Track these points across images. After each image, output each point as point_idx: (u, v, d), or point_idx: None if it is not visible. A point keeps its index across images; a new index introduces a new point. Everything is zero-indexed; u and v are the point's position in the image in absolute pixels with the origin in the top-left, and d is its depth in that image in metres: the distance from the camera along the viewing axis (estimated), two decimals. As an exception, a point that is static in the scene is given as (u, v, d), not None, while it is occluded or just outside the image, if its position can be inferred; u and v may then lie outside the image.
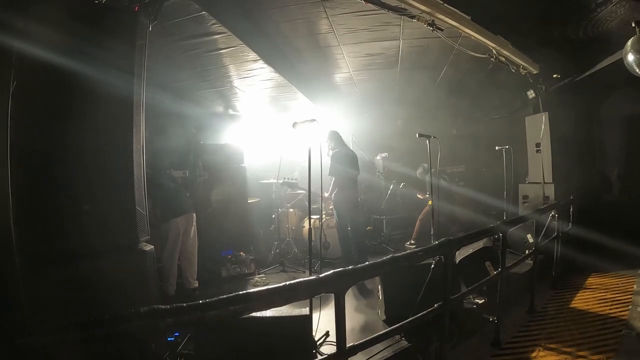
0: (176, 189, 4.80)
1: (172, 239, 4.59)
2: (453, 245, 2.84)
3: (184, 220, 4.71)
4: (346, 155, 5.78)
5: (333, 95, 7.87)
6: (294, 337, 2.74)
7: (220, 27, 4.25)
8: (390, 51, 5.83)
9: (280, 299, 1.82)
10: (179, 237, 4.65)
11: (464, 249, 4.36)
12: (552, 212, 5.02)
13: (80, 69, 2.40)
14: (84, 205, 2.47)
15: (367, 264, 2.32)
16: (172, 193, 4.71)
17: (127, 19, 2.79)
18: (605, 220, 5.93)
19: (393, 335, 3.14)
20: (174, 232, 4.60)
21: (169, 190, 4.68)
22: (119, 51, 2.65)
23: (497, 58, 5.30)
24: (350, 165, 5.74)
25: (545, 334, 3.72)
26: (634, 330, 3.58)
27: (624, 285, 4.86)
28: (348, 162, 5.71)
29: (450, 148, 7.13)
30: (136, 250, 2.70)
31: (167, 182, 4.68)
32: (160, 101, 4.59)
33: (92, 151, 2.54)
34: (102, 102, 2.56)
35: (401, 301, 3.46)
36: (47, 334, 1.46)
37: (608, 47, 5.22)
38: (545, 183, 6.32)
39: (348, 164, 5.70)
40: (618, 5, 4.17)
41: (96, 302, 2.19)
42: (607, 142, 7.36)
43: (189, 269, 4.81)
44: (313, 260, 3.60)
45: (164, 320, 1.48)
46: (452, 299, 2.82)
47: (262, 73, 5.82)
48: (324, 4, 4.21)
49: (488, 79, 7.21)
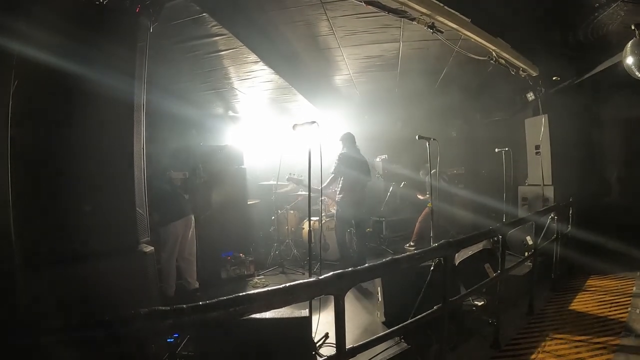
0: (174, 192, 4.77)
1: (171, 243, 4.57)
2: (452, 247, 2.84)
3: (183, 224, 4.70)
4: (354, 159, 5.66)
5: (333, 97, 7.88)
6: (293, 339, 2.74)
7: (221, 28, 4.26)
8: (390, 53, 5.85)
9: (279, 300, 1.83)
10: (178, 240, 4.64)
11: (463, 251, 4.36)
12: (552, 214, 5.03)
13: (81, 70, 2.41)
14: (84, 207, 2.47)
15: (367, 266, 2.32)
16: (170, 196, 4.69)
17: (128, 20, 2.80)
18: (605, 222, 5.94)
19: (393, 337, 3.14)
20: (173, 236, 4.59)
21: (167, 194, 4.65)
22: (119, 53, 2.66)
23: (497, 60, 5.31)
24: (358, 170, 5.63)
25: (545, 336, 3.72)
26: (633, 332, 3.58)
27: (623, 287, 4.86)
28: (355, 166, 5.60)
29: (450, 150, 7.14)
30: (136, 251, 2.71)
31: (165, 186, 4.66)
32: (161, 103, 4.60)
33: (93, 152, 2.54)
34: (102, 104, 2.56)
35: (401, 303, 3.47)
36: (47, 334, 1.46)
37: (607, 50, 5.23)
38: (545, 185, 6.33)
39: (355, 168, 5.59)
40: (618, 8, 4.18)
41: (96, 303, 2.19)
42: (607, 144, 7.37)
43: (188, 270, 4.80)
44: (312, 262, 3.59)
45: (164, 322, 1.48)
46: (451, 300, 2.83)
47: (262, 75, 5.83)
48: (324, 6, 4.22)
49: (488, 81, 7.23)
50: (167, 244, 4.57)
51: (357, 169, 5.60)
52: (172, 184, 4.79)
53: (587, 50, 5.46)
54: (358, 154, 5.80)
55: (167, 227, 4.58)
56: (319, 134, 3.43)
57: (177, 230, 4.63)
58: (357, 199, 5.60)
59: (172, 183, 4.79)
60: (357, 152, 5.79)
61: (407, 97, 8.16)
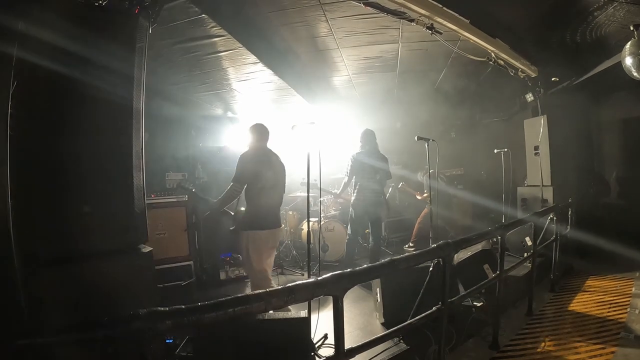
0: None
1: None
2: (451, 248, 2.84)
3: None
4: (368, 158, 5.54)
5: (332, 98, 7.88)
6: (292, 340, 2.73)
7: (220, 29, 4.25)
8: (389, 54, 5.85)
9: (278, 301, 1.83)
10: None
11: (462, 252, 4.36)
12: (551, 214, 5.03)
13: (80, 71, 2.40)
14: (83, 207, 2.47)
15: (366, 267, 2.33)
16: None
17: (127, 21, 2.79)
18: (604, 223, 5.96)
19: (391, 338, 3.14)
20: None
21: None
22: (118, 54, 2.65)
23: (495, 61, 5.33)
24: (372, 170, 5.51)
25: (544, 337, 3.72)
26: (632, 333, 3.59)
27: (623, 287, 4.86)
28: (369, 166, 5.49)
29: (449, 151, 7.15)
30: (135, 252, 2.71)
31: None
32: (160, 104, 4.60)
33: (92, 153, 2.54)
34: (101, 104, 2.56)
35: (400, 304, 3.47)
36: (47, 335, 1.47)
37: (606, 51, 5.24)
38: (544, 186, 6.33)
39: (368, 169, 5.48)
40: (616, 9, 4.19)
41: (95, 304, 2.19)
42: (606, 145, 7.40)
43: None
44: (312, 263, 3.60)
45: (163, 322, 1.48)
46: (450, 301, 2.83)
47: (261, 76, 5.82)
48: (323, 7, 4.22)
49: (487, 82, 7.24)
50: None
51: (371, 169, 5.51)
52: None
53: (586, 51, 5.46)
54: (376, 152, 5.70)
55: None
56: (318, 134, 3.44)
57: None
58: (372, 199, 5.52)
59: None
60: (374, 150, 5.70)
61: (406, 98, 8.16)
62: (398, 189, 7.63)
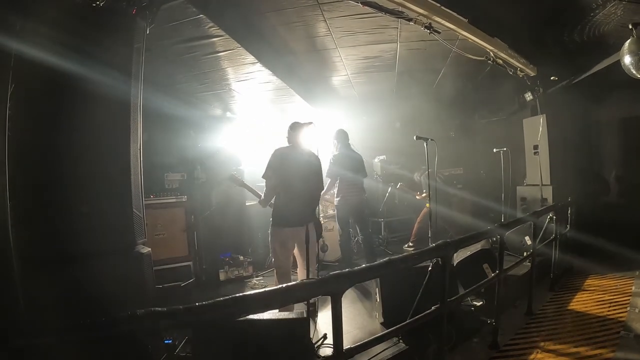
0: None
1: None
2: (451, 247, 2.84)
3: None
4: (348, 158, 5.53)
5: (331, 97, 7.88)
6: (291, 340, 2.73)
7: (218, 30, 4.25)
8: (387, 54, 5.85)
9: (277, 301, 1.82)
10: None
11: (461, 251, 4.36)
12: (550, 214, 5.03)
13: (78, 71, 2.41)
14: (81, 208, 2.47)
15: (365, 267, 2.33)
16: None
17: (124, 21, 2.80)
18: (604, 222, 5.94)
19: (391, 338, 3.13)
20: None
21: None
22: (116, 54, 2.66)
23: (494, 60, 5.33)
24: (353, 169, 5.48)
25: (544, 336, 3.71)
26: (632, 332, 3.59)
27: (622, 286, 4.86)
28: (350, 166, 5.47)
29: (448, 150, 7.14)
30: (133, 252, 2.71)
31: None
32: (158, 104, 4.58)
33: (90, 153, 2.54)
34: (99, 105, 2.56)
35: (399, 303, 3.45)
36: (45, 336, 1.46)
37: (605, 49, 5.23)
38: (543, 185, 6.33)
39: (349, 168, 5.46)
40: (615, 8, 4.18)
41: (93, 304, 2.19)
42: (605, 144, 7.38)
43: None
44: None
45: (160, 323, 1.48)
46: (449, 301, 2.83)
47: (260, 76, 5.82)
48: (321, 7, 4.22)
49: (486, 82, 7.24)
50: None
51: (352, 168, 5.49)
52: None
53: (585, 49, 5.46)
54: (352, 152, 5.68)
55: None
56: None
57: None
58: (355, 200, 5.52)
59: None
60: (350, 149, 5.67)
61: (405, 98, 8.16)
62: (397, 188, 7.63)
